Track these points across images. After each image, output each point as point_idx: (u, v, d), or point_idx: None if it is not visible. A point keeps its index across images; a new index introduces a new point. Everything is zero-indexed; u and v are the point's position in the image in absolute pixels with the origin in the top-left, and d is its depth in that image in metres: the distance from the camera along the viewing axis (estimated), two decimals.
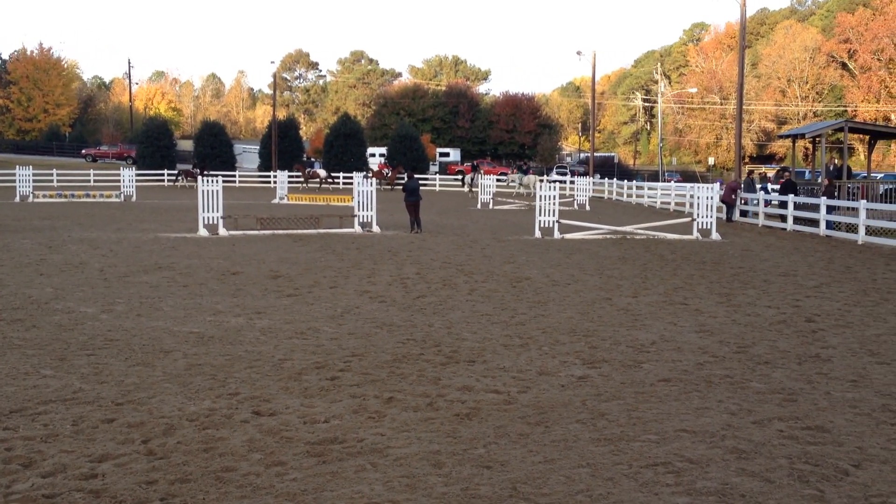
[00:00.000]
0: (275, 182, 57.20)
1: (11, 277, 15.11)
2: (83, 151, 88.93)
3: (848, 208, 26.94)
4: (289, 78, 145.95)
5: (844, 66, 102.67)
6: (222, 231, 24.17)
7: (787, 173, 33.44)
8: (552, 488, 5.62)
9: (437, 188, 66.90)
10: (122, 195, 43.51)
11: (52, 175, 57.88)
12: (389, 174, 62.93)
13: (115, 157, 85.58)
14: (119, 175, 46.26)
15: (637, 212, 40.97)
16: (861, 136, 49.59)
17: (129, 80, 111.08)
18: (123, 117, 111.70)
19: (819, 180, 31.00)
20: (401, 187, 36.11)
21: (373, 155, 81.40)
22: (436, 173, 77.28)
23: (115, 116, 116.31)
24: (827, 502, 5.45)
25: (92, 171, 62.84)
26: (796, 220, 28.73)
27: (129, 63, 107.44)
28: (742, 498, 5.49)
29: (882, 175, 54.23)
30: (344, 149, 72.01)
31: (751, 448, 6.48)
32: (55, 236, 22.77)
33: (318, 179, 63.64)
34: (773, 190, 36.64)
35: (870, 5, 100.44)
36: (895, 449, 6.52)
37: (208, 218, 24.39)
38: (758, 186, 36.31)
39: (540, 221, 25.79)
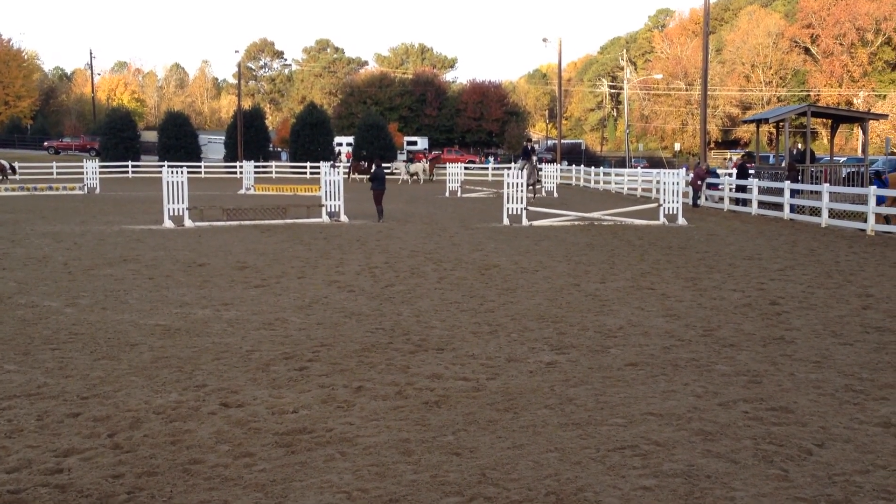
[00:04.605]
0: (241, 172, 56.79)
1: None
2: (45, 144, 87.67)
3: (811, 192, 27.25)
4: (254, 67, 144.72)
5: (807, 50, 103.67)
6: (188, 222, 23.98)
7: (744, 158, 34.94)
8: (521, 473, 5.65)
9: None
10: (85, 187, 42.97)
11: None
12: (427, 165, 61.62)
13: (78, 149, 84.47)
14: (82, 167, 45.67)
15: (604, 198, 41.18)
16: (824, 120, 50.16)
17: (91, 70, 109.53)
18: (86, 109, 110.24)
19: (783, 164, 31.37)
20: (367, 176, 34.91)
21: (340, 144, 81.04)
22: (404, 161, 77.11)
23: (77, 108, 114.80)
24: (791, 482, 5.53)
25: (55, 164, 62.06)
26: (761, 204, 29.06)
27: (91, 53, 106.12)
28: (708, 479, 5.55)
29: (845, 158, 54.85)
30: (311, 138, 71.63)
31: (716, 430, 6.55)
32: (18, 230, 22.46)
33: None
34: (729, 174, 37.60)
35: None
36: (858, 428, 6.62)
37: (174, 209, 24.18)
38: (722, 172, 36.90)
39: (508, 209, 25.84)
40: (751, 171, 34.44)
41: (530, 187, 34.02)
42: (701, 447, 6.15)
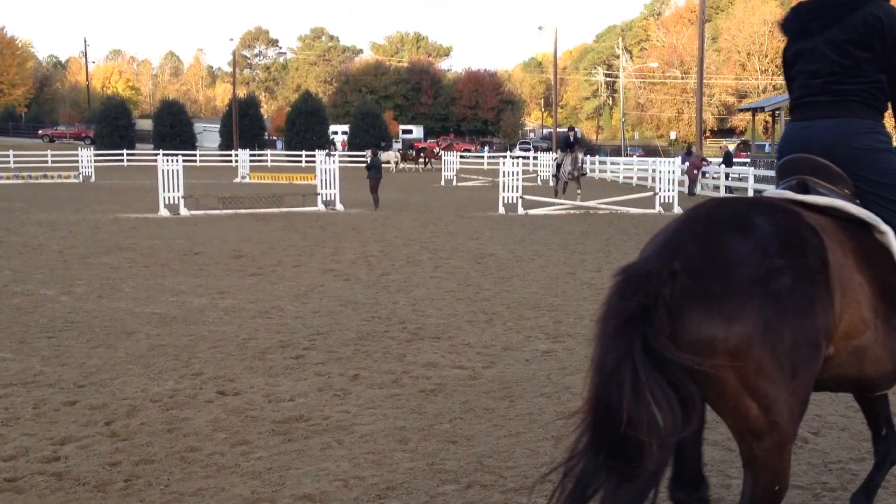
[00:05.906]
0: (236, 161, 56.64)
1: None
2: (40, 132, 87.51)
3: None
4: (248, 55, 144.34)
5: None
6: (183, 211, 23.95)
7: (740, 146, 36.07)
8: (517, 461, 5.66)
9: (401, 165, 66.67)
10: (80, 176, 42.88)
11: (8, 156, 56.77)
12: (412, 154, 61.52)
13: (73, 138, 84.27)
14: (77, 155, 45.57)
15: (600, 187, 41.17)
16: None
17: (86, 58, 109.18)
18: (80, 97, 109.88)
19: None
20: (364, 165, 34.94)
21: (335, 132, 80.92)
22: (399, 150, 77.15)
23: (71, 96, 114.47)
24: None
25: (49, 152, 61.79)
26: (756, 192, 29.14)
27: (85, 42, 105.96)
28: (704, 467, 5.56)
29: None
30: (306, 127, 71.63)
31: (712, 417, 6.55)
32: (13, 218, 22.41)
33: None
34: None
35: None
36: (853, 416, 6.64)
37: (169, 198, 24.15)
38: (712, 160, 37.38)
39: (503, 197, 25.82)
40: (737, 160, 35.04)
41: (574, 181, 30.48)
42: None
